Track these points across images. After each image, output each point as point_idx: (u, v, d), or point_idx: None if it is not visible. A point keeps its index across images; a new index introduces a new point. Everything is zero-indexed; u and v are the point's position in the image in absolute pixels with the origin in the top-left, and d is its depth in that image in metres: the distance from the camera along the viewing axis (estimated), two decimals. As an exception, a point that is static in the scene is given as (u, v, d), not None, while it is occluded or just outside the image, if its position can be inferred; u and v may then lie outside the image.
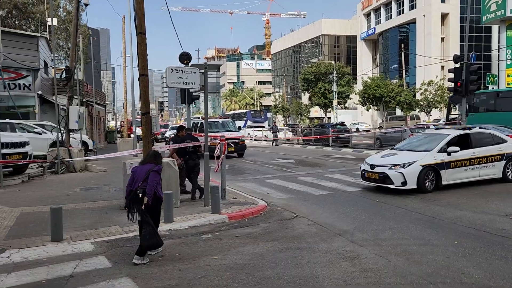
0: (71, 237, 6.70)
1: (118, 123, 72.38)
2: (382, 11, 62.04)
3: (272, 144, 31.01)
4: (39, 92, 21.31)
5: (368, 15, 65.59)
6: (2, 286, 4.84)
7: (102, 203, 9.52)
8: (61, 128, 15.80)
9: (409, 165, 9.96)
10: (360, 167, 11.16)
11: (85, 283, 4.89)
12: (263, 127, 43.32)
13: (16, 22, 49.32)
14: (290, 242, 6.42)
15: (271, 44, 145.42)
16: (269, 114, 58.80)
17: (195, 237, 6.76)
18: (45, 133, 16.99)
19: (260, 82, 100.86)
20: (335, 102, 43.57)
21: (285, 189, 11.33)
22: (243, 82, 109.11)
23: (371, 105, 42.97)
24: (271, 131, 33.33)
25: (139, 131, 35.74)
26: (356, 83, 55.23)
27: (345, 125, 36.00)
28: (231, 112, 70.90)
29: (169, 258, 5.74)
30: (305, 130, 35.48)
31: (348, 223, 7.49)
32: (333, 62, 46.39)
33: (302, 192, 10.87)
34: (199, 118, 24.56)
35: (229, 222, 7.78)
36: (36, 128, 16.96)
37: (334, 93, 43.26)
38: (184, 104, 13.19)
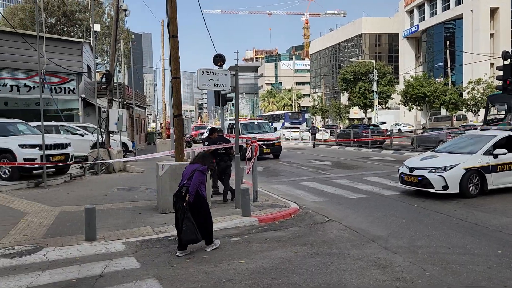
0: (104, 237, 6.84)
1: (159, 125, 74.24)
2: (426, 7, 59.89)
3: (313, 146, 30.57)
4: (83, 96, 22.16)
5: (411, 12, 63.56)
6: (36, 283, 4.99)
7: (136, 203, 9.70)
8: (101, 130, 16.34)
9: (451, 168, 9.46)
10: (399, 170, 10.75)
11: (113, 283, 4.95)
12: (298, 128, 42.94)
13: (65, 29, 51.75)
14: (320, 247, 6.23)
15: (310, 44, 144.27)
16: (307, 115, 58.33)
17: (224, 240, 6.70)
18: (87, 134, 17.63)
19: (298, 83, 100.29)
20: (375, 102, 42.51)
21: (319, 192, 11.10)
22: (281, 83, 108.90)
23: (414, 105, 41.57)
24: (310, 132, 32.92)
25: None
26: (398, 83, 53.67)
27: (378, 126, 35.37)
28: (269, 113, 70.93)
29: (196, 260, 5.72)
30: (338, 132, 34.76)
31: (383, 229, 7.20)
32: (373, 61, 45.24)
33: (336, 195, 10.61)
34: (271, 115, 24.63)
35: (259, 225, 7.68)
36: (78, 130, 17.64)
37: (375, 93, 42.22)
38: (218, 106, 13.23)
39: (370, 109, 45.11)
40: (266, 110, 77.30)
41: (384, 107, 47.14)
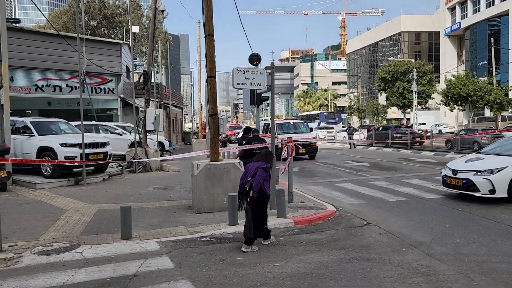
0: (139, 236, 6.86)
1: (195, 125, 75.19)
2: (469, 4, 57.40)
3: (350, 147, 29.99)
4: (121, 96, 22.70)
5: (452, 9, 61.15)
6: (72, 281, 5.03)
7: (172, 202, 9.73)
8: (139, 129, 16.63)
9: (499, 171, 8.90)
10: (441, 172, 10.24)
11: (147, 283, 4.91)
12: (333, 128, 42.17)
13: (105, 32, 53.49)
14: (358, 252, 5.97)
15: (346, 43, 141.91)
16: (343, 116, 57.32)
17: (259, 241, 6.56)
18: (125, 134, 17.99)
19: (334, 83, 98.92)
20: (414, 102, 41.16)
21: (357, 194, 10.76)
22: (317, 83, 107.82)
23: (455, 105, 39.95)
24: (347, 132, 32.28)
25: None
26: (439, 82, 51.80)
27: (410, 127, 34.78)
28: (304, 113, 70.28)
29: (230, 262, 5.61)
30: (369, 132, 34.09)
31: (425, 234, 6.83)
32: (413, 60, 43.82)
33: (375, 197, 10.24)
34: (307, 115, 24.43)
35: (295, 227, 7.49)
36: (117, 129, 18.04)
37: (414, 92, 40.89)
38: (254, 106, 13.13)
39: (409, 110, 43.72)
40: (301, 110, 76.72)
41: (424, 107, 45.53)
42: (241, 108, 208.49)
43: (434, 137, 29.59)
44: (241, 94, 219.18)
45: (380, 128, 32.91)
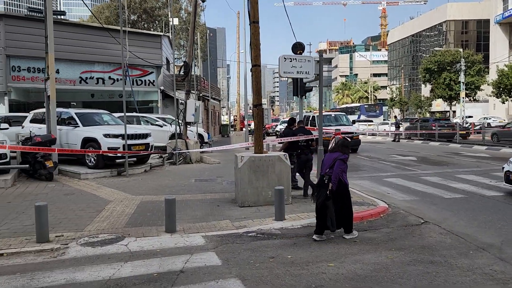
0: (183, 229, 6.64)
1: (232, 117, 75.43)
2: (522, -11, 53.87)
3: (394, 140, 28.99)
4: (161, 88, 22.81)
5: (504, -4, 57.65)
6: (118, 275, 4.84)
7: (214, 195, 9.50)
8: (179, 121, 16.59)
9: None
10: (503, 168, 9.44)
11: (194, 280, 4.65)
12: (372, 121, 40.88)
13: (145, 25, 54.41)
14: (419, 254, 5.46)
15: (387, 34, 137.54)
16: (384, 108, 55.54)
17: (308, 239, 6.18)
18: (166, 125, 18.01)
19: (374, 75, 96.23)
20: (462, 94, 39.17)
21: (408, 190, 10.13)
22: (356, 75, 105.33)
23: (508, 97, 37.62)
24: (395, 126, 31.18)
25: (252, 125, 36.86)
26: (488, 73, 49.08)
27: (449, 120, 33.90)
28: (343, 106, 68.73)
29: (281, 261, 5.26)
30: (408, 125, 33.11)
31: (493, 235, 6.21)
32: (461, 50, 41.64)
33: (428, 194, 9.59)
34: (310, 112, 23.86)
35: (346, 224, 7.04)
36: (158, 121, 18.08)
37: (462, 84, 38.91)
38: (296, 97, 12.68)
39: (455, 102, 41.69)
40: (340, 103, 75.18)
41: (472, 99, 43.22)
42: (277, 101, 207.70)
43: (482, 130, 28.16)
44: (277, 87, 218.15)
45: (418, 121, 31.90)
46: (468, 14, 67.73)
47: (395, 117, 41.92)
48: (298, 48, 12.55)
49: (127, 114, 17.29)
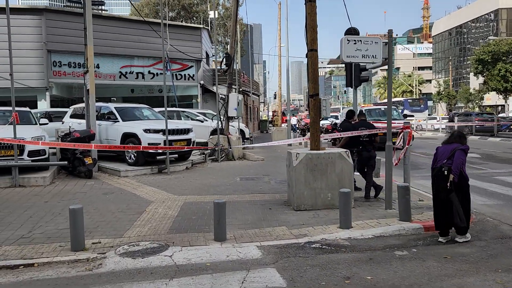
0: (234, 237, 5.76)
1: (270, 113, 74.42)
2: None
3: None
4: (201, 82, 22.15)
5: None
6: (162, 295, 4.01)
7: (263, 196, 8.58)
8: (220, 116, 15.85)
9: None
10: None
11: (256, 308, 3.73)
12: (413, 116, 38.70)
13: (184, 22, 54.43)
14: (537, 278, 4.29)
15: (429, 26, 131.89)
16: (429, 103, 52.78)
17: (385, 253, 5.13)
18: (206, 120, 17.30)
19: (418, 68, 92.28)
20: (519, 86, 36.35)
21: (485, 192, 8.82)
22: (398, 68, 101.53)
23: None
24: (449, 120, 29.36)
25: (293, 120, 35.70)
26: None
27: (493, 114, 32.12)
28: (385, 100, 65.99)
29: (359, 282, 4.25)
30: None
31: None
32: (518, 38, 38.55)
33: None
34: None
35: (426, 234, 5.93)
36: (198, 116, 17.40)
37: (519, 75, 36.10)
38: (350, 88, 11.54)
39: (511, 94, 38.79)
40: (382, 97, 72.41)
41: (530, 91, 40.04)
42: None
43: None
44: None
45: (457, 115, 30.39)
46: (522, 1, 63.34)
47: (450, 110, 39.67)
48: (352, 33, 11.41)
49: (168, 109, 16.76)
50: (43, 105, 17.80)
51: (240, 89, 27.41)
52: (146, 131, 11.47)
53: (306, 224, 6.35)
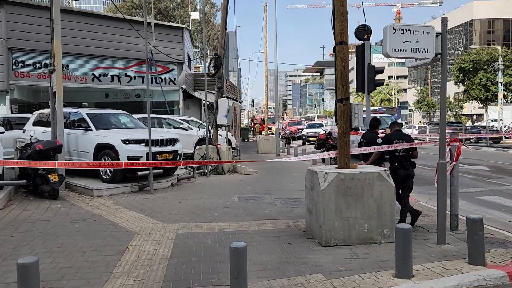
0: (258, 295, 4.12)
1: (245, 120, 72.95)
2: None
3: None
4: (183, 87, 20.39)
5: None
6: None
7: (273, 223, 6.96)
8: (208, 124, 14.23)
9: None
10: None
11: None
12: (402, 124, 38.35)
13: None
14: None
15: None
16: (402, 112, 52.52)
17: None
18: (191, 129, 15.58)
19: (391, 77, 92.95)
20: (500, 95, 36.26)
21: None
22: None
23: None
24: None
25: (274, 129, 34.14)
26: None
27: (461, 123, 32.62)
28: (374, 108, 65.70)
29: None
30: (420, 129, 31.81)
31: None
32: (499, 48, 38.60)
33: None
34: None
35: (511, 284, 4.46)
36: (182, 124, 15.65)
37: (500, 84, 36.02)
38: (360, 92, 10.16)
39: (493, 104, 38.70)
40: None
41: (510, 101, 40.07)
42: (290, 104, 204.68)
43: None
44: (290, 90, 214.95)
45: (428, 124, 30.61)
46: (495, 13, 64.47)
47: (455, 121, 39.59)
48: (365, 32, 10.04)
49: (145, 116, 14.96)
50: (3, 110, 15.61)
51: (224, 95, 25.77)
52: (125, 141, 9.67)
53: (346, 269, 4.78)
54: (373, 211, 5.68)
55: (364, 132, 8.09)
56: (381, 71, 9.94)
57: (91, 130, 10.32)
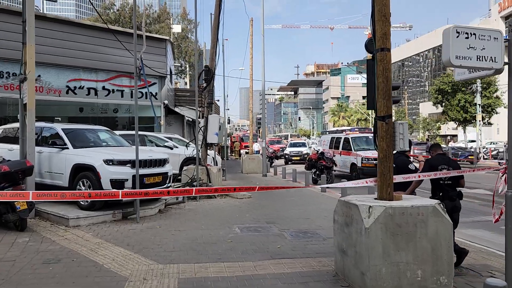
0: None
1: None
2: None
3: None
4: (166, 102, 19.12)
5: (507, 17, 56.42)
6: None
7: (291, 263, 5.82)
8: (192, 142, 13.10)
9: None
10: None
11: None
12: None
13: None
14: None
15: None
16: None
17: None
18: (177, 147, 14.33)
19: (365, 97, 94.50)
20: (478, 117, 36.56)
21: None
22: (348, 97, 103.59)
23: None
24: (426, 150, 28.51)
25: (256, 146, 32.94)
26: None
27: (426, 142, 32.97)
28: (334, 129, 65.97)
29: None
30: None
31: None
32: (477, 70, 39.05)
33: None
34: (342, 132, 20.38)
35: None
36: (167, 142, 14.38)
37: (478, 106, 36.36)
38: (370, 110, 9.26)
39: (471, 125, 39.04)
40: (336, 125, 72.25)
41: (487, 122, 40.68)
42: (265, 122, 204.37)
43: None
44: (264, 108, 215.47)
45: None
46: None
47: (427, 140, 39.40)
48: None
49: (129, 132, 13.69)
50: (-37, 124, 13.89)
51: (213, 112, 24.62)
52: (107, 162, 8.36)
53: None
54: (427, 254, 4.64)
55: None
56: (397, 87, 9.07)
57: (67, 148, 8.95)
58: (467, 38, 4.39)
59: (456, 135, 57.87)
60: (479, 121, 36.96)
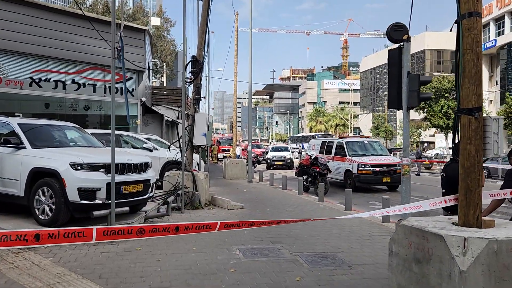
0: None
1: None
2: (507, 20, 53.31)
3: (418, 174, 25.66)
4: (143, 99, 17.32)
5: (485, 25, 57.07)
6: None
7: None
8: (175, 145, 11.49)
9: None
10: None
11: None
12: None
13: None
14: None
15: (348, 65, 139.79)
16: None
17: None
18: (157, 149, 12.62)
19: (344, 102, 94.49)
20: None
21: None
22: (324, 102, 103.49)
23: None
24: (415, 157, 27.84)
25: (238, 150, 31.41)
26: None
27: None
28: (300, 134, 65.33)
29: None
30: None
31: None
32: (460, 76, 38.82)
33: None
34: (332, 137, 19.11)
35: None
36: (146, 143, 12.64)
37: (460, 113, 36.01)
38: (396, 110, 7.91)
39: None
40: (313, 130, 71.49)
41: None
42: (239, 126, 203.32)
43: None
44: (239, 112, 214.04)
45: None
46: (445, 44, 67.01)
47: (417, 146, 38.82)
48: (403, 32, 7.88)
49: (101, 131, 11.97)
50: None
51: (185, 112, 22.88)
52: (75, 166, 6.64)
53: None
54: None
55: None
56: (428, 81, 7.78)
57: (24, 148, 7.17)
58: None
59: (433, 142, 58.07)
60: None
